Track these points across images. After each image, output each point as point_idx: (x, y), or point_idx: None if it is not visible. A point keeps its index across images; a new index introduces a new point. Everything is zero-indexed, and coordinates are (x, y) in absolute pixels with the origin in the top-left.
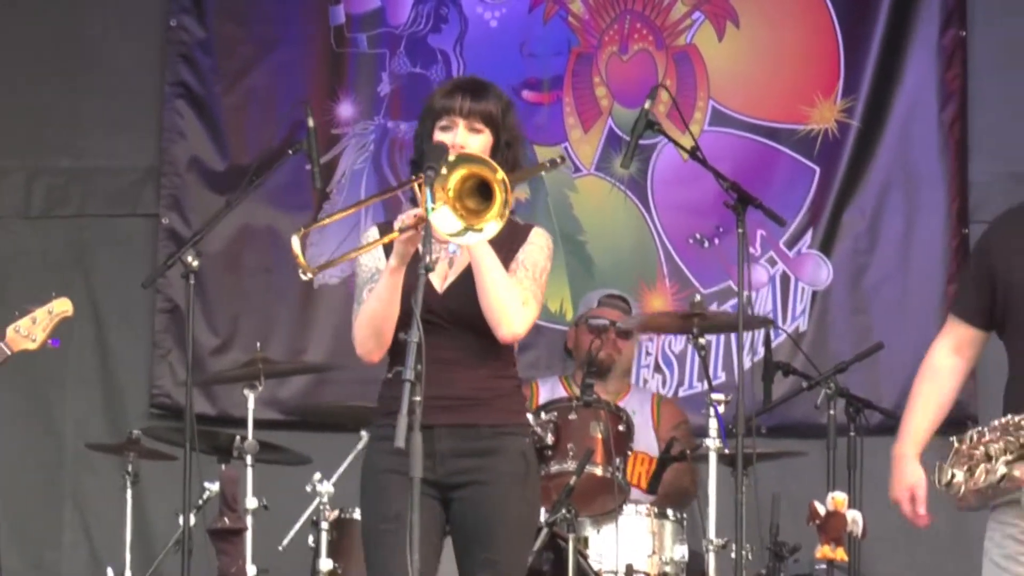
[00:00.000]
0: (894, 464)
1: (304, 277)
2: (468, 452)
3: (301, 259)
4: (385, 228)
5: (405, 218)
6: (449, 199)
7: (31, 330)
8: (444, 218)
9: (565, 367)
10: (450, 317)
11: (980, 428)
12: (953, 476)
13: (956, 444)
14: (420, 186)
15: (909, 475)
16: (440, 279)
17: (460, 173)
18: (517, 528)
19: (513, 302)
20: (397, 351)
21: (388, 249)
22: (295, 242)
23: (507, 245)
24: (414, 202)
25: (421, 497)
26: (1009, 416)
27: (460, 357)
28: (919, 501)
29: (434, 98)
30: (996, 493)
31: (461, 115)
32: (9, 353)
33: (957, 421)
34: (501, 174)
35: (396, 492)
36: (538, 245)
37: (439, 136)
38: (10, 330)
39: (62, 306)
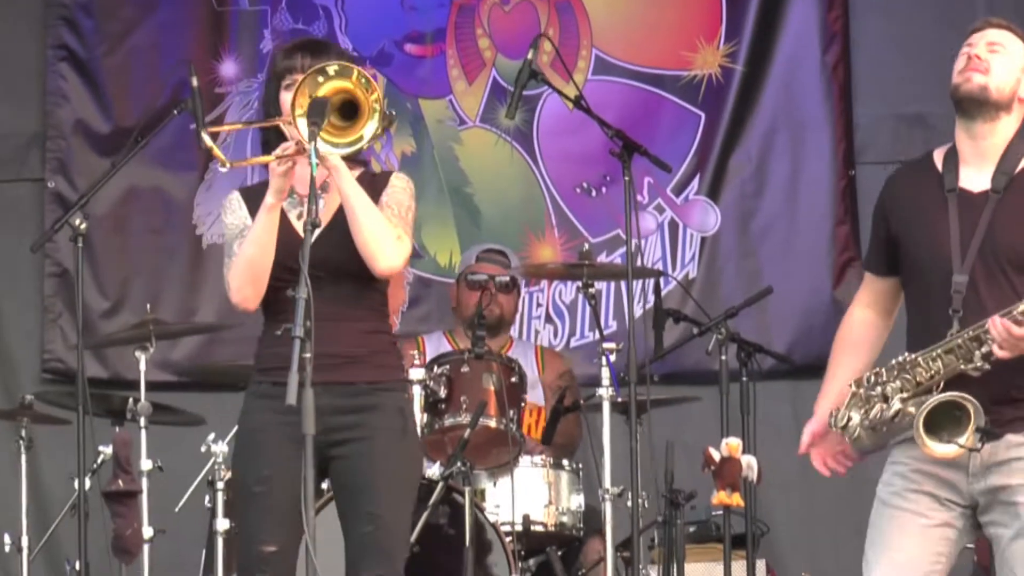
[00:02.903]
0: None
1: (223, 169)
2: (346, 409)
3: (217, 151)
4: (247, 193)
5: (281, 151)
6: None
7: None
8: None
9: (445, 321)
10: (323, 266)
11: (877, 369)
12: (849, 419)
13: (853, 388)
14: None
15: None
16: None
17: (331, 86)
18: (397, 482)
19: (387, 234)
20: (273, 308)
21: (253, 210)
22: (206, 137)
23: (369, 193)
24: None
25: (292, 458)
26: (905, 355)
27: (337, 311)
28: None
29: (276, 61)
30: (891, 431)
31: (303, 72)
32: None
33: None
34: (377, 94)
35: (271, 452)
36: (399, 187)
37: (285, 96)
38: None
39: None
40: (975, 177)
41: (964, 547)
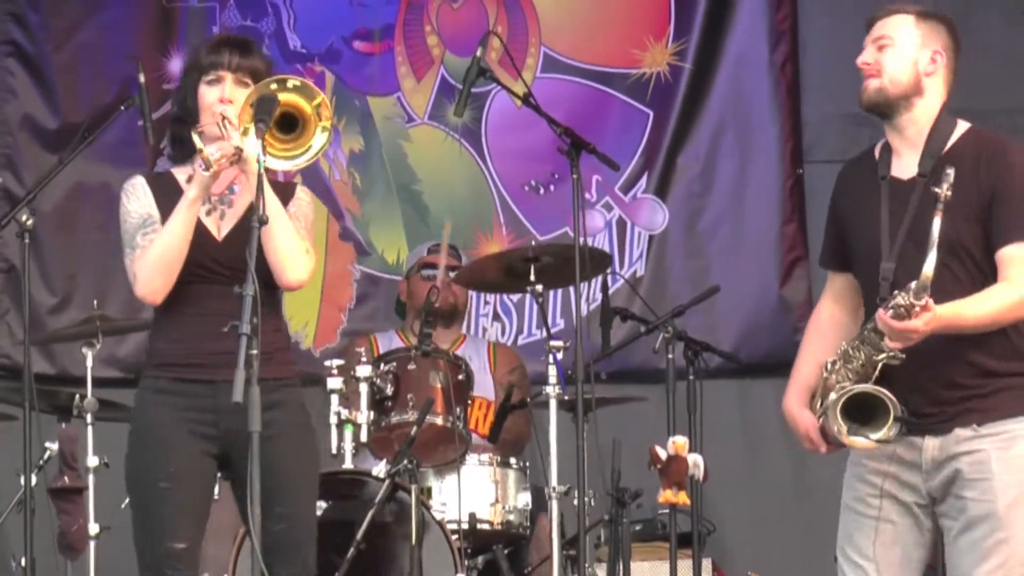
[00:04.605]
0: (787, 420)
1: (206, 173)
2: None
3: (206, 154)
4: (154, 181)
5: (220, 152)
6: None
7: None
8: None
9: (392, 319)
10: (231, 265)
11: (833, 358)
12: (820, 404)
13: (824, 376)
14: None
15: (800, 424)
16: (215, 227)
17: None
18: (306, 479)
19: (299, 247)
20: (177, 302)
21: (159, 199)
22: (196, 139)
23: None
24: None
25: (196, 455)
26: (844, 344)
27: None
28: (817, 442)
29: (200, 54)
30: None
31: (229, 69)
32: None
33: None
34: (320, 98)
35: (176, 449)
36: (305, 201)
37: (205, 90)
38: None
39: None
40: (906, 164)
41: None
